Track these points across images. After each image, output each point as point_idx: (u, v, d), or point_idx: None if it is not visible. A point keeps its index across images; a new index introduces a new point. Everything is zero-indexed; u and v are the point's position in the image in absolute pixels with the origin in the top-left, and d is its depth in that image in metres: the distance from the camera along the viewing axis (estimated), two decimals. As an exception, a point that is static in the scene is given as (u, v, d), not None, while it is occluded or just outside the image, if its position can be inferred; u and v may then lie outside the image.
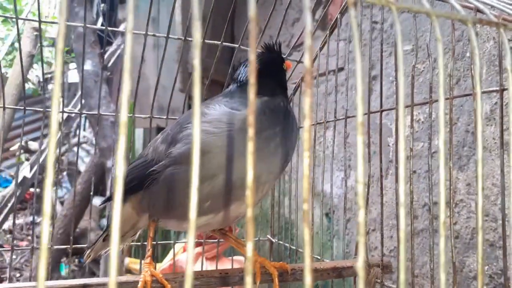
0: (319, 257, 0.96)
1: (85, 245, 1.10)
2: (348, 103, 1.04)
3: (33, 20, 2.89)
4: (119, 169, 0.26)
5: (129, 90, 0.27)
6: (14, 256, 3.09)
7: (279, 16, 1.89)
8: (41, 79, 5.85)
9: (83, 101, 2.88)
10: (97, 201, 3.14)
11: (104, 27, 1.04)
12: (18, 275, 3.36)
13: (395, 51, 0.98)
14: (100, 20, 4.37)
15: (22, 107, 1.07)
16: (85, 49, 1.78)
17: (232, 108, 0.73)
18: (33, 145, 4.12)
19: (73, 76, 4.80)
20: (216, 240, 1.12)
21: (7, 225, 3.57)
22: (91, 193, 1.18)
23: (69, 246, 1.11)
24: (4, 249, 1.22)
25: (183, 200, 0.70)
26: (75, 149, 3.80)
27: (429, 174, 0.71)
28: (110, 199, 0.93)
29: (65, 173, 3.97)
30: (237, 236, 1.30)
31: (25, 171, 3.42)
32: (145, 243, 1.07)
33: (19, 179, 3.26)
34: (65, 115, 3.94)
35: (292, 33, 1.71)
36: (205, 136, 0.69)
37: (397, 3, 0.35)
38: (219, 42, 1.04)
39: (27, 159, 3.83)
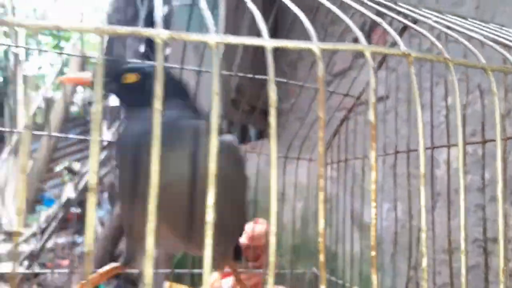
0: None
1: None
2: (397, 136, 1.01)
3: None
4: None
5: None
6: (56, 275, 3.15)
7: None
8: (86, 102, 6.08)
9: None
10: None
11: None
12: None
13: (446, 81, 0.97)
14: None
15: (65, 135, 1.08)
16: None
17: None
18: (77, 166, 4.24)
19: (115, 100, 4.94)
20: (254, 268, 1.06)
21: (49, 244, 3.66)
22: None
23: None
24: (44, 271, 1.24)
25: None
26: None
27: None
28: None
29: (106, 194, 4.07)
30: (279, 267, 1.24)
31: (69, 192, 3.52)
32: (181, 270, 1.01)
33: (63, 199, 3.36)
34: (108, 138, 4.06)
35: (334, 60, 1.71)
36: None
37: (453, 59, 0.34)
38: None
39: (71, 180, 3.96)
